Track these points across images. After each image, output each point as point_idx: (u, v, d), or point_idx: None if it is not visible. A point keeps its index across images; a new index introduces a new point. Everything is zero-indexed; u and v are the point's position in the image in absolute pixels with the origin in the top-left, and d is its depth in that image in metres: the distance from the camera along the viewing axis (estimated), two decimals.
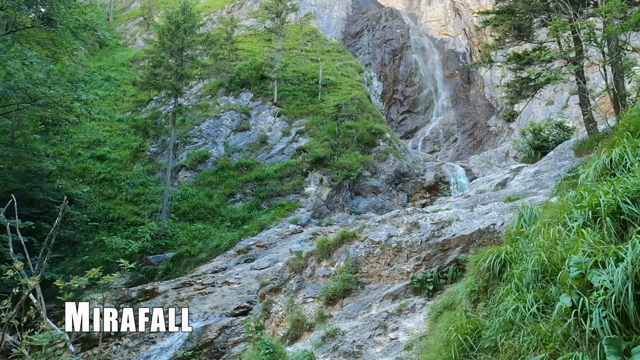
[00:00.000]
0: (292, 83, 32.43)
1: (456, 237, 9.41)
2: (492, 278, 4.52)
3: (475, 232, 9.39)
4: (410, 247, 9.45)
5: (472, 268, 5.21)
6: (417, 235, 9.62)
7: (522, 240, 4.70)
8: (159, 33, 21.11)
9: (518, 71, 10.43)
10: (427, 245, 9.41)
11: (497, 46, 10.54)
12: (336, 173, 25.59)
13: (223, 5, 45.71)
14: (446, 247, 9.37)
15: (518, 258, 4.27)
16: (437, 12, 62.51)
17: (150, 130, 21.14)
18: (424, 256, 9.28)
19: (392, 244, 9.56)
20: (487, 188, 16.72)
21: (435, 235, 9.60)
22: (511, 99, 10.72)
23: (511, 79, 10.54)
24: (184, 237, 21.27)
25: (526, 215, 5.29)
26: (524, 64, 9.58)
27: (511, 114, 11.52)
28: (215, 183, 25.84)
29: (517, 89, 10.14)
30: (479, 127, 51.43)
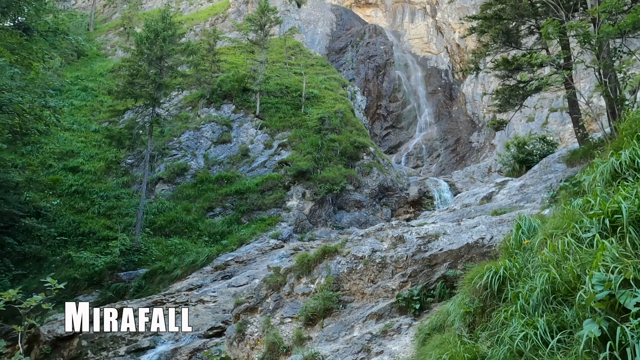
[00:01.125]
0: (275, 96, 32.00)
1: (443, 252, 8.88)
2: (490, 298, 3.96)
3: (464, 247, 8.88)
4: (396, 262, 8.87)
5: (466, 286, 4.65)
6: (402, 250, 9.06)
7: (523, 254, 4.17)
8: (137, 41, 20.43)
9: (506, 79, 10.14)
10: (413, 261, 8.85)
11: (485, 52, 10.26)
12: (319, 187, 25.02)
13: (206, 18, 45.38)
14: (433, 262, 8.82)
15: (520, 275, 3.73)
16: (419, 30, 63.55)
17: (125, 140, 20.24)
18: (410, 272, 8.70)
19: (376, 260, 8.97)
20: (473, 202, 16.38)
21: (421, 249, 9.05)
22: (499, 107, 10.40)
23: (499, 87, 10.25)
24: (158, 252, 20.26)
25: (525, 226, 4.78)
26: (513, 70, 9.29)
27: (499, 122, 11.20)
28: (193, 196, 24.95)
29: (506, 96, 9.82)
30: (462, 143, 51.84)
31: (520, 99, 9.80)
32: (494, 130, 11.37)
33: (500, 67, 9.22)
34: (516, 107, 10.31)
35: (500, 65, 9.19)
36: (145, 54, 20.64)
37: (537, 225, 4.67)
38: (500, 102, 10.12)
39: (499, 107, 10.40)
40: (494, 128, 11.35)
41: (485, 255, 8.88)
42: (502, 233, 9.36)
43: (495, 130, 11.18)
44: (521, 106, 10.37)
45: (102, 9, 57.35)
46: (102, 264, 18.02)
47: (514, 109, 10.28)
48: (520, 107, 10.34)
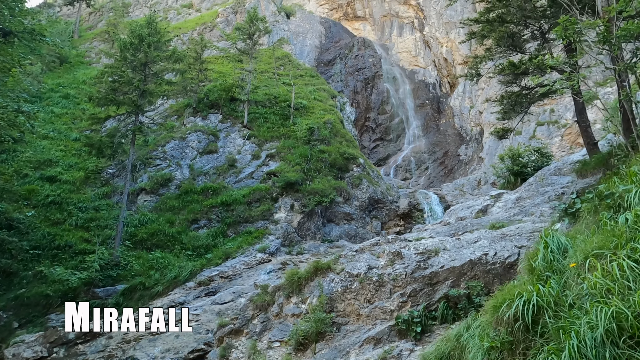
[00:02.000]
0: (263, 105, 31.40)
1: (445, 269, 8.26)
2: (522, 331, 3.33)
3: (467, 264, 8.27)
4: (394, 280, 8.21)
5: (488, 314, 4.00)
6: (400, 267, 8.41)
7: (557, 278, 3.55)
8: (121, 46, 19.66)
9: (509, 85, 9.70)
10: (412, 279, 8.20)
11: (488, 56, 9.80)
12: (308, 199, 24.31)
13: (194, 27, 44.82)
14: (434, 280, 8.19)
15: (558, 304, 3.11)
16: (407, 44, 64.07)
17: (106, 149, 19.31)
18: (409, 291, 8.04)
19: (373, 277, 8.29)
20: (468, 215, 15.87)
21: (421, 266, 8.41)
22: (504, 114, 9.93)
23: (503, 93, 9.80)
24: (139, 267, 19.21)
25: (553, 244, 4.17)
26: (519, 74, 8.84)
27: (504, 130, 10.73)
28: (177, 208, 23.98)
29: (512, 102, 9.34)
30: (450, 156, 51.92)
31: (525, 106, 9.35)
32: (498, 139, 10.93)
33: (506, 71, 8.76)
34: (521, 115, 9.85)
35: (506, 70, 8.73)
36: (129, 60, 19.87)
37: (568, 242, 4.07)
38: (505, 109, 9.64)
39: (504, 114, 9.93)
40: (498, 137, 10.90)
41: (489, 273, 8.29)
42: (507, 249, 8.80)
43: (499, 139, 10.75)
44: (526, 113, 9.93)
45: (87, 17, 56.39)
46: (77, 280, 16.93)
47: (519, 116, 9.82)
48: (525, 114, 9.90)
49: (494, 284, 8.22)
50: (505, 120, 9.98)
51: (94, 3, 54.17)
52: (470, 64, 10.28)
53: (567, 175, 14.99)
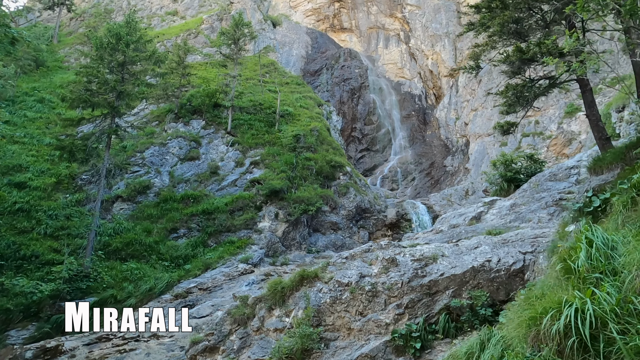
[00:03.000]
0: (247, 112, 30.55)
1: (445, 278, 7.45)
2: (575, 350, 2.53)
3: (469, 271, 7.48)
4: (389, 290, 7.36)
5: (522, 328, 3.18)
6: (396, 275, 7.57)
7: (613, 281, 2.77)
8: (96, 45, 18.64)
9: (513, 76, 9.06)
10: (409, 288, 7.36)
11: (491, 44, 9.12)
12: (293, 207, 23.40)
13: (178, 34, 43.93)
14: (433, 290, 7.37)
15: (626, 314, 2.32)
16: (393, 56, 64.39)
17: (78, 153, 18.11)
18: (406, 302, 7.20)
19: (366, 287, 7.43)
20: (461, 222, 15.20)
21: (418, 274, 7.59)
22: (508, 107, 9.29)
23: (508, 84, 9.17)
24: (111, 278, 17.92)
25: (598, 240, 3.40)
26: (526, 61, 8.20)
27: (509, 123, 10.07)
28: (156, 216, 22.77)
29: (517, 92, 8.66)
30: (436, 166, 51.84)
31: (532, 98, 8.75)
32: (502, 134, 10.31)
33: (512, 57, 8.09)
34: (526, 109, 9.25)
35: (512, 56, 8.07)
36: (105, 59, 18.86)
37: (617, 240, 3.30)
38: (510, 101, 9.00)
39: (508, 107, 9.30)
40: (502, 132, 10.28)
41: (493, 281, 7.51)
42: (511, 255, 8.05)
43: (503, 134, 10.12)
44: (531, 107, 9.33)
45: (68, 22, 55.04)
46: (42, 293, 15.58)
47: (524, 109, 9.22)
48: (530, 107, 9.30)
49: (499, 294, 7.44)
50: (510, 113, 9.36)
51: (76, 8, 52.91)
52: (470, 55, 9.66)
53: (563, 181, 14.47)
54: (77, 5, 57.15)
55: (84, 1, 59.79)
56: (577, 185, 13.96)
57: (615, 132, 16.30)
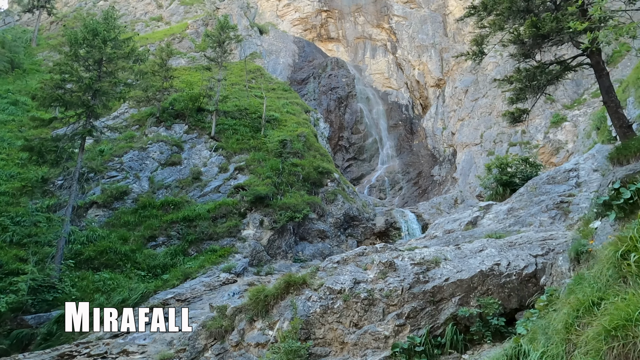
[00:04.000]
0: (232, 117, 29.59)
1: (450, 283, 6.59)
2: None
3: (477, 276, 6.64)
4: (387, 297, 6.46)
5: (590, 341, 2.31)
6: (395, 281, 6.68)
7: None
8: (71, 40, 17.56)
9: (524, 59, 8.32)
10: (410, 295, 6.47)
11: (498, 23, 8.34)
12: (279, 214, 22.39)
13: (162, 38, 42.92)
14: (438, 297, 6.49)
15: None
16: (380, 66, 64.48)
17: (48, 154, 16.87)
18: (407, 312, 6.30)
19: (361, 294, 6.52)
20: (456, 227, 14.44)
21: (420, 280, 6.72)
22: (519, 93, 8.51)
23: (517, 67, 8.43)
24: (81, 289, 16.59)
25: None
26: (541, 39, 7.42)
27: (520, 110, 9.24)
28: (133, 224, 21.50)
29: (530, 75, 7.87)
30: (424, 176, 51.61)
31: (543, 83, 8.03)
32: (511, 123, 9.56)
33: (525, 35, 7.31)
34: (537, 95, 8.53)
35: (525, 33, 7.27)
36: (80, 56, 17.78)
37: None
38: (521, 86, 8.24)
39: (518, 93, 8.54)
40: (511, 120, 9.50)
41: (504, 287, 6.67)
42: (521, 258, 7.24)
43: (512, 122, 9.34)
44: (542, 94, 8.61)
45: (48, 26, 53.54)
46: (4, 306, 14.19)
47: (535, 95, 8.49)
48: (542, 94, 8.58)
49: (511, 301, 6.61)
50: (519, 100, 8.64)
51: (57, 12, 51.56)
52: (473, 40, 8.96)
53: (563, 184, 13.87)
54: (59, 9, 55.81)
55: (66, 5, 58.45)
56: (578, 188, 13.35)
57: (612, 135, 15.83)
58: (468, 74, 51.94)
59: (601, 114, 17.61)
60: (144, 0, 54.98)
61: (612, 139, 16.08)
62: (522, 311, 6.55)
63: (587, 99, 42.07)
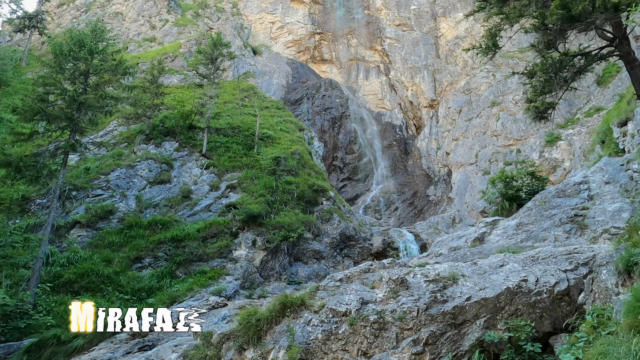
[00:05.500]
0: (225, 134, 28.85)
1: (474, 303, 5.68)
2: None
3: (503, 294, 5.74)
4: (401, 320, 5.53)
5: None
6: (408, 301, 5.76)
7: None
8: (55, 52, 16.84)
9: (547, 49, 7.57)
10: (428, 317, 5.54)
11: (518, 11, 7.51)
12: (272, 233, 21.37)
13: (154, 57, 42.56)
14: (460, 319, 5.57)
15: None
16: (374, 87, 64.77)
17: (27, 170, 15.87)
18: (425, 337, 5.36)
19: (370, 317, 5.58)
20: (462, 244, 13.57)
21: (437, 299, 5.80)
22: (543, 86, 7.72)
23: (538, 62, 7.70)
24: (57, 316, 15.31)
25: None
26: (570, 22, 6.68)
27: (546, 104, 8.42)
28: (118, 244, 20.34)
29: (557, 65, 7.08)
30: (419, 196, 51.07)
31: (570, 76, 7.29)
32: (535, 119, 8.80)
33: (552, 18, 6.56)
34: (563, 89, 7.79)
35: (553, 15, 6.53)
36: (65, 68, 17.03)
37: None
38: (546, 77, 7.48)
39: (542, 87, 7.74)
40: (535, 115, 8.72)
41: (535, 307, 5.77)
42: (550, 273, 6.37)
43: (536, 119, 8.55)
44: (568, 87, 7.86)
45: (40, 46, 53.19)
46: None
47: (561, 89, 7.75)
48: (567, 88, 7.83)
49: (543, 323, 5.70)
50: (545, 94, 7.87)
51: (48, 32, 51.26)
52: (488, 32, 8.28)
53: (574, 197, 13.16)
54: (51, 30, 55.57)
55: (59, 26, 58.27)
56: (591, 201, 12.62)
57: (619, 147, 15.24)
58: (461, 94, 52.16)
59: (605, 127, 17.10)
60: (138, 22, 54.99)
61: (620, 152, 15.47)
62: (556, 335, 5.63)
63: (581, 118, 42.14)
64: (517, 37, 46.19)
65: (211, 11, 59.02)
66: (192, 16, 56.40)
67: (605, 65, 43.90)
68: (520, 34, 9.62)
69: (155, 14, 55.59)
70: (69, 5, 60.62)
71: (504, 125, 45.27)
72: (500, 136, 44.83)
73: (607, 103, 40.24)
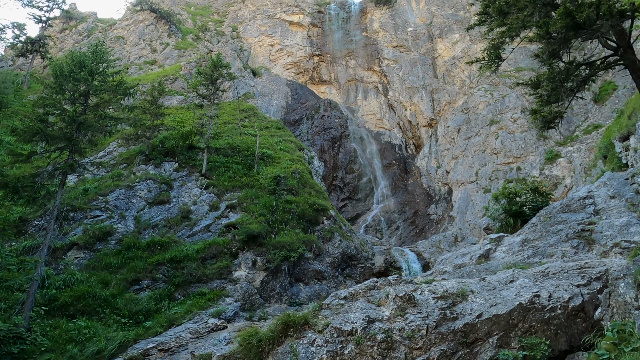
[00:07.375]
0: (224, 154, 28.81)
1: (485, 320, 5.43)
2: None
3: (516, 310, 5.50)
4: (410, 339, 5.27)
5: None
6: (417, 319, 5.51)
7: None
8: (55, 72, 16.92)
9: (551, 60, 7.53)
10: (438, 336, 5.28)
11: (522, 19, 7.52)
12: (273, 253, 21.03)
13: (155, 79, 42.99)
14: (471, 337, 5.31)
15: None
16: (372, 107, 65.30)
17: (24, 190, 15.70)
18: (436, 356, 5.10)
19: (377, 335, 5.32)
20: (467, 262, 13.28)
21: (447, 316, 5.55)
22: (550, 95, 7.66)
23: (543, 73, 7.62)
24: (52, 339, 14.87)
25: None
26: (575, 30, 6.62)
27: (554, 113, 8.33)
28: (116, 266, 19.98)
29: (563, 74, 7.02)
30: (420, 215, 50.77)
31: (576, 86, 7.22)
32: (542, 128, 8.70)
33: (557, 26, 6.47)
34: (570, 97, 7.70)
35: (559, 22, 6.44)
36: (65, 88, 17.07)
37: None
38: (553, 86, 7.41)
39: (549, 96, 7.67)
40: (542, 124, 8.61)
41: (550, 324, 5.51)
42: (563, 289, 6.13)
43: (543, 127, 8.46)
44: (574, 97, 7.79)
45: (42, 70, 53.80)
46: None
47: (567, 99, 7.67)
48: (574, 97, 7.75)
49: (559, 341, 5.43)
50: (551, 103, 7.79)
51: (50, 56, 51.91)
52: (490, 45, 8.24)
53: (579, 212, 12.95)
54: (54, 54, 56.33)
55: (61, 50, 59.11)
56: (597, 215, 12.40)
57: (622, 162, 15.10)
58: (460, 113, 52.52)
59: (606, 142, 17.02)
60: (139, 45, 55.81)
61: (623, 166, 15.33)
62: (573, 353, 5.35)
63: (579, 136, 42.27)
64: (514, 56, 46.76)
65: (211, 34, 60.01)
66: (193, 39, 57.28)
67: (601, 84, 44.34)
68: (517, 53, 9.56)
69: (157, 38, 56.48)
70: (72, 30, 61.71)
71: (503, 143, 45.40)
72: (499, 154, 44.90)
73: (605, 120, 40.46)
